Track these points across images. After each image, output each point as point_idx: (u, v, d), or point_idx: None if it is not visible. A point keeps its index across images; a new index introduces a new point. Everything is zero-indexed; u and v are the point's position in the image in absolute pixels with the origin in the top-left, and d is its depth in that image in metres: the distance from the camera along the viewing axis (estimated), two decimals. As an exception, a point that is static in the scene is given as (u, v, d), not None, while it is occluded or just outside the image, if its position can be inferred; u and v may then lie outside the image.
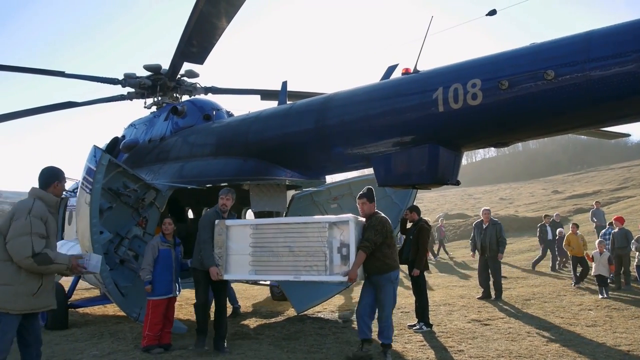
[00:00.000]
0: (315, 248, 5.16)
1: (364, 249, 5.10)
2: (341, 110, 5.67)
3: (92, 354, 5.76)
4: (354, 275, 5.00)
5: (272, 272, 5.46)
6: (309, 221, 5.45)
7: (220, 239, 5.63)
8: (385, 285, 5.34)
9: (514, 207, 35.45)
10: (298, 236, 5.29)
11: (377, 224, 5.25)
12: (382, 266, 5.28)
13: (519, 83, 4.19)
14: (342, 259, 5.06)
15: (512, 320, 7.38)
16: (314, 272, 5.14)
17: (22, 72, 9.74)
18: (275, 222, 5.74)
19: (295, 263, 5.24)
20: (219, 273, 5.55)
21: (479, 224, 9.82)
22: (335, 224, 5.17)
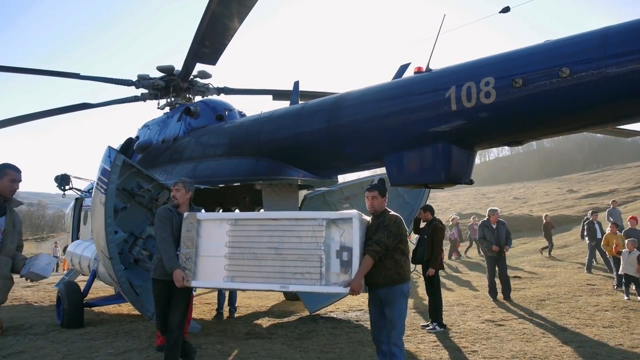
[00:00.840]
0: (309, 251, 4.18)
1: (373, 254, 4.06)
2: (353, 110, 5.66)
3: (108, 352, 5.82)
4: (357, 286, 4.02)
5: (252, 279, 4.36)
6: (301, 217, 4.47)
7: (190, 236, 4.59)
8: (397, 298, 4.27)
9: (528, 207, 35.08)
10: (287, 235, 4.30)
11: (392, 225, 4.22)
12: (394, 276, 4.20)
13: (533, 81, 4.14)
14: (342, 265, 4.08)
15: (526, 320, 7.31)
16: (306, 280, 4.15)
17: (38, 74, 9.90)
18: (259, 217, 4.64)
19: (282, 269, 4.25)
20: (185, 278, 4.43)
21: (486, 223, 9.77)
22: (334, 221, 4.20)
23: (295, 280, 4.22)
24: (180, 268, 4.48)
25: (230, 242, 4.50)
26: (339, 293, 4.41)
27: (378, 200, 4.47)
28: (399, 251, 4.29)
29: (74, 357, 5.67)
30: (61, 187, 10.17)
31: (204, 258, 4.56)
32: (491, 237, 9.50)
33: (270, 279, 4.30)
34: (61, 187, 10.16)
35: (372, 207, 4.47)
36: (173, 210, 4.78)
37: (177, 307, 4.68)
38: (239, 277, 4.43)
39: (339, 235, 4.20)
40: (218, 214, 5.08)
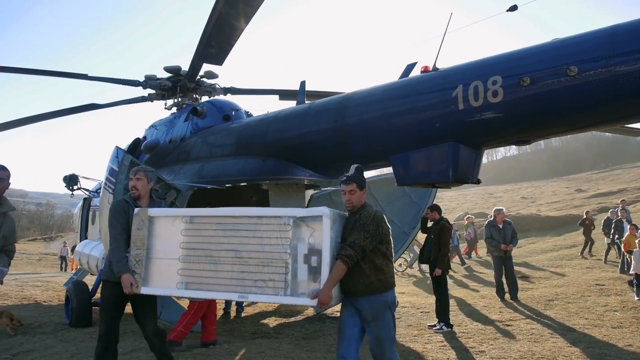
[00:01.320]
0: (273, 254, 3.62)
1: (345, 260, 3.43)
2: (360, 109, 5.65)
3: (116, 351, 5.85)
4: (325, 298, 3.39)
5: (209, 286, 3.83)
6: (264, 215, 3.81)
7: (140, 236, 4.05)
8: (381, 312, 3.62)
9: (536, 206, 34.90)
10: (249, 236, 3.74)
11: (369, 223, 3.57)
12: (375, 283, 3.58)
13: (541, 79, 4.11)
14: (310, 272, 3.49)
15: (534, 321, 7.26)
16: (269, 289, 3.60)
17: (46, 75, 9.98)
18: (216, 214, 4.08)
19: (242, 275, 3.71)
20: (133, 284, 3.94)
21: (493, 223, 9.74)
22: (303, 219, 3.60)
23: (257, 288, 3.65)
24: (130, 272, 3.96)
25: (185, 242, 3.94)
26: (307, 305, 3.68)
27: (356, 195, 3.79)
28: (380, 254, 3.65)
29: (82, 356, 5.71)
30: (69, 187, 10.26)
31: (156, 261, 4.00)
32: (498, 237, 9.47)
33: (229, 286, 3.75)
34: (69, 187, 10.25)
35: (349, 203, 3.79)
36: (130, 203, 4.21)
37: (148, 315, 4.26)
38: (194, 284, 3.88)
39: (308, 236, 3.56)
40: (172, 209, 4.41)
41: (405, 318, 7.84)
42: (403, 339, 6.42)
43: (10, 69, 9.55)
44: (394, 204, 9.13)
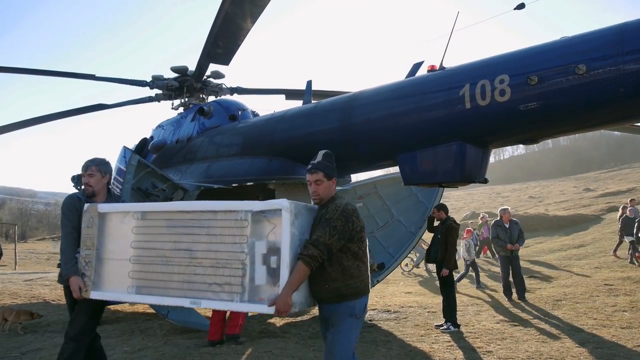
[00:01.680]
0: (229, 254, 3.21)
1: (307, 261, 2.99)
2: (366, 109, 5.65)
3: (123, 350, 5.89)
4: (282, 305, 2.94)
5: (161, 290, 3.43)
6: (219, 209, 3.37)
7: (90, 234, 3.69)
8: (343, 321, 3.12)
9: (544, 206, 34.69)
10: (202, 234, 3.34)
11: (336, 218, 3.10)
12: (342, 289, 3.10)
13: (548, 78, 4.09)
14: (269, 274, 3.06)
15: (542, 321, 7.22)
16: (225, 294, 3.18)
17: (54, 75, 10.05)
18: (168, 208, 3.71)
19: (196, 278, 3.30)
20: (82, 288, 3.62)
21: (499, 222, 9.72)
22: (262, 214, 3.15)
23: (212, 293, 3.22)
24: (78, 274, 3.66)
25: (136, 241, 3.55)
26: (267, 314, 3.21)
27: (324, 185, 3.31)
28: (350, 254, 3.15)
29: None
30: (78, 187, 10.30)
31: (107, 262, 3.65)
32: (505, 237, 9.43)
33: (182, 290, 3.34)
34: (78, 186, 10.29)
35: (316, 195, 3.33)
36: (83, 200, 3.88)
37: (77, 315, 3.84)
38: (146, 288, 3.47)
39: (267, 233, 3.12)
40: (124, 204, 4.01)
41: (412, 318, 7.82)
42: (410, 339, 6.41)
43: (19, 69, 9.64)
44: (400, 203, 9.11)
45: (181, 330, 6.90)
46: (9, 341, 6.61)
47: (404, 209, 9.09)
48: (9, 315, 7.06)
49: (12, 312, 7.13)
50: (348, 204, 3.24)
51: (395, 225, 9.11)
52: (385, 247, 9.05)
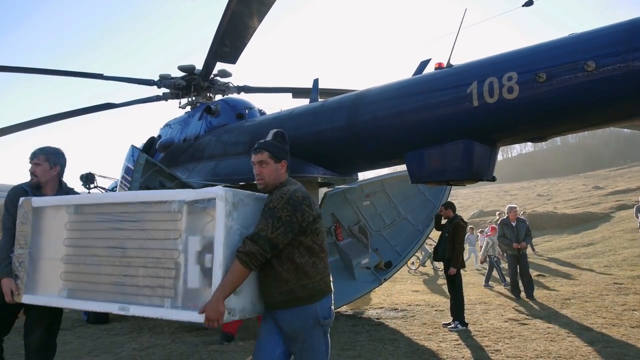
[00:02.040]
0: (161, 252, 2.77)
1: (244, 259, 2.51)
2: (373, 107, 5.63)
3: (132, 347, 5.93)
4: (212, 312, 2.48)
5: (92, 294, 3.00)
6: (150, 199, 2.90)
7: (24, 231, 3.30)
8: (305, 329, 2.65)
9: (553, 204, 34.46)
10: (134, 229, 2.89)
11: (281, 207, 2.61)
12: (297, 291, 2.63)
13: (557, 75, 4.05)
14: (204, 275, 2.60)
15: (551, 320, 7.18)
16: (156, 299, 2.74)
17: (63, 75, 10.11)
18: (101, 200, 3.23)
19: (128, 280, 2.86)
20: (14, 290, 3.26)
21: (506, 221, 9.66)
22: (196, 204, 2.70)
23: (144, 297, 2.79)
24: (11, 276, 3.27)
25: (68, 239, 3.12)
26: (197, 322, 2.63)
27: (269, 168, 2.85)
28: (304, 250, 2.66)
29: (99, 351, 5.79)
30: (86, 186, 10.38)
31: (40, 262, 3.23)
32: (511, 235, 9.39)
33: (112, 294, 2.91)
34: (86, 185, 10.37)
35: (261, 180, 2.87)
36: (29, 192, 3.53)
37: (36, 324, 3.56)
38: (79, 291, 3.05)
39: (203, 227, 2.65)
40: (58, 197, 3.46)
41: (419, 316, 7.81)
42: (417, 337, 6.40)
43: (27, 69, 9.72)
44: (407, 201, 9.10)
45: (189, 328, 6.93)
46: (19, 338, 6.67)
47: (411, 207, 9.07)
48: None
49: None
50: (298, 190, 2.73)
51: (402, 224, 9.10)
52: (392, 246, 9.04)
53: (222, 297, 2.48)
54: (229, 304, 2.54)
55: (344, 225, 8.86)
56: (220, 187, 2.65)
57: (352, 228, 8.84)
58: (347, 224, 8.87)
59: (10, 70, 9.46)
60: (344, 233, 8.79)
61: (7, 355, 5.80)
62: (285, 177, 2.90)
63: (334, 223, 8.83)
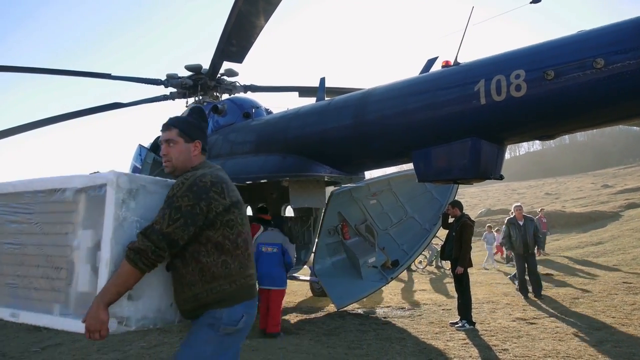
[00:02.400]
0: (54, 248, 2.39)
1: (131, 257, 2.12)
2: (380, 105, 5.62)
3: (140, 345, 5.96)
4: (92, 322, 2.08)
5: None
6: (43, 187, 2.49)
7: None
8: (197, 331, 2.27)
9: (561, 203, 34.24)
10: (28, 222, 2.51)
11: (181, 195, 2.20)
12: (202, 296, 2.24)
13: (565, 73, 4.02)
14: (95, 276, 2.22)
15: (559, 319, 7.14)
16: (46, 303, 2.37)
17: (70, 75, 10.17)
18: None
19: (20, 281, 2.51)
20: None
21: (513, 220, 9.49)
22: (91, 191, 2.31)
23: (35, 302, 2.42)
24: None
25: None
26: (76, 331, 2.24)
27: (178, 149, 2.45)
28: (211, 246, 2.26)
29: (108, 349, 5.83)
30: (95, 185, 10.45)
31: None
32: (517, 235, 9.22)
33: (4, 297, 2.55)
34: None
35: (167, 162, 2.47)
36: None
37: None
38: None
39: (97, 219, 2.25)
40: None
41: (426, 315, 7.79)
42: (424, 337, 6.39)
43: (34, 69, 9.79)
44: (414, 200, 9.08)
45: (196, 326, 6.96)
46: (29, 336, 6.75)
47: (418, 205, 9.05)
48: None
49: None
50: (206, 174, 2.29)
51: (409, 222, 9.08)
52: (399, 244, 9.03)
53: (103, 303, 2.07)
54: (120, 312, 2.14)
55: (350, 224, 8.86)
56: (114, 171, 2.25)
57: (358, 227, 8.83)
58: (354, 223, 8.87)
59: (16, 71, 9.53)
60: (351, 232, 8.79)
61: (16, 353, 5.88)
62: (199, 160, 2.48)
63: (340, 222, 8.83)
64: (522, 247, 9.14)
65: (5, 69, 9.29)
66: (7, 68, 9.30)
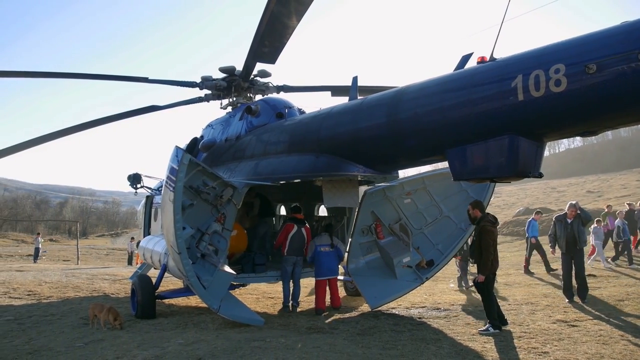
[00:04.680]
0: None
1: None
2: (414, 103, 5.56)
3: (178, 342, 6.09)
4: None
5: None
6: None
7: None
8: None
9: (604, 201, 32.92)
10: None
11: None
12: None
13: (609, 66, 3.87)
14: None
15: (603, 321, 6.87)
16: None
17: (110, 79, 10.51)
18: None
19: None
20: None
21: (561, 217, 9.02)
22: None
23: None
24: None
25: None
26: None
27: None
28: None
29: (148, 345, 5.99)
30: (133, 186, 10.75)
31: None
32: (562, 233, 8.77)
33: None
34: (133, 185, 10.74)
35: None
36: None
37: None
38: None
39: None
40: None
41: (462, 316, 7.65)
42: (461, 338, 6.28)
43: (73, 74, 10.16)
44: (450, 199, 8.91)
45: (232, 324, 7.06)
46: (73, 332, 7.01)
47: (453, 205, 8.88)
48: (99, 312, 7.16)
49: (102, 308, 7.19)
50: None
51: (444, 222, 8.93)
52: (434, 244, 8.89)
53: None
54: None
55: (384, 223, 8.79)
56: None
57: (392, 226, 8.75)
58: (388, 222, 8.79)
59: (57, 77, 9.92)
60: (385, 231, 8.72)
61: (62, 348, 6.11)
62: None
63: (374, 221, 8.77)
64: (565, 246, 8.76)
65: (48, 75, 9.69)
66: (51, 74, 9.69)
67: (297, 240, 8.34)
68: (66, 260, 26.63)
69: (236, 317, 7.11)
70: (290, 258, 8.33)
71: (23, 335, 6.90)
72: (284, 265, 8.37)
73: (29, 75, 9.56)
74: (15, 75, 9.72)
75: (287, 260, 8.34)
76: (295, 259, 8.37)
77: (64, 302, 9.81)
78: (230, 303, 7.26)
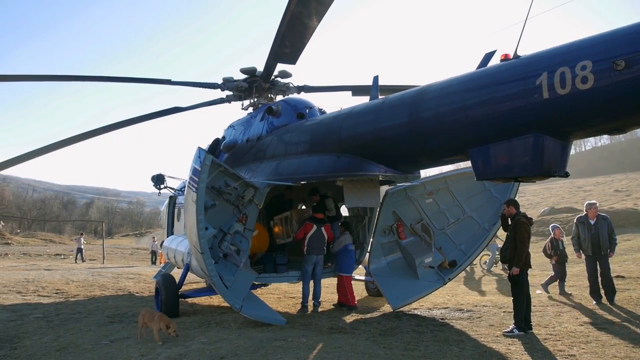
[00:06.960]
0: None
1: None
2: (436, 102, 5.50)
3: (201, 341, 6.16)
4: None
5: None
6: None
7: None
8: None
9: (632, 200, 32.06)
10: None
11: None
12: None
13: (638, 62, 3.77)
14: None
15: (632, 324, 6.69)
16: None
17: (132, 82, 10.69)
18: None
19: None
20: None
21: (583, 219, 8.79)
22: None
23: None
24: None
25: None
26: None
27: None
28: None
29: (172, 344, 6.07)
30: (157, 186, 10.92)
31: None
32: (586, 235, 8.54)
33: None
34: (157, 186, 10.91)
35: None
36: None
37: None
38: None
39: None
40: None
41: (486, 317, 7.54)
42: (484, 339, 6.19)
43: (98, 77, 10.36)
44: (472, 199, 8.80)
45: (254, 323, 7.11)
46: (99, 329, 7.15)
47: (476, 204, 8.77)
48: (149, 320, 6.43)
49: (152, 316, 6.44)
50: None
51: (467, 222, 8.81)
52: (456, 244, 8.79)
53: None
54: None
55: (406, 223, 8.73)
56: None
57: (414, 226, 8.69)
58: (410, 222, 8.73)
59: (82, 80, 10.13)
60: (406, 231, 8.66)
61: (89, 345, 6.24)
62: None
63: (395, 221, 8.72)
64: (590, 248, 8.54)
65: (72, 78, 9.91)
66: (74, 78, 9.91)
67: (315, 240, 8.35)
68: (92, 259, 27.21)
69: (258, 316, 7.15)
70: (311, 258, 8.35)
71: (51, 332, 7.07)
72: (305, 265, 8.39)
73: (52, 79, 9.76)
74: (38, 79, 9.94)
75: (308, 260, 8.36)
76: (316, 258, 8.37)
77: (91, 300, 10.03)
78: (252, 302, 7.31)
